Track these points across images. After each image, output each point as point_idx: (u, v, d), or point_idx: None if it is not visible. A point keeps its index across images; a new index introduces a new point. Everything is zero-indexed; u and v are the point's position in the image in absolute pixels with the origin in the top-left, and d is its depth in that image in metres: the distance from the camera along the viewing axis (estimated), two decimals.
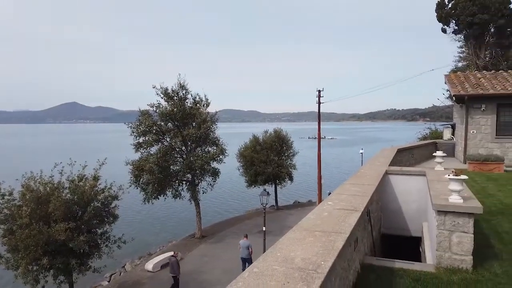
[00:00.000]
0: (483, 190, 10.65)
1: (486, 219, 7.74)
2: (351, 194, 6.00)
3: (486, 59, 20.80)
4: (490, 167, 13.74)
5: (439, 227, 5.27)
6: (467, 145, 15.80)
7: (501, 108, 15.52)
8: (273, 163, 29.56)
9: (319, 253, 3.19)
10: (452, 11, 20.78)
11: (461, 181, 5.23)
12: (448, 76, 18.71)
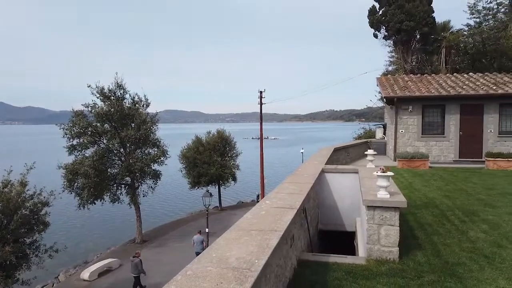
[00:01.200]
0: (410, 185, 11.48)
1: (412, 212, 8.35)
2: (288, 193, 6.16)
3: (413, 63, 22.45)
4: (417, 164, 14.84)
5: (369, 222, 5.60)
6: (397, 143, 16.93)
7: (426, 109, 16.83)
8: (216, 164, 29.47)
9: (253, 252, 3.24)
10: (383, 18, 22.16)
11: (388, 178, 5.59)
12: (380, 79, 19.91)
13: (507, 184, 11.35)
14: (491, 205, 8.74)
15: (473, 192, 10.21)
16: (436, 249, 5.98)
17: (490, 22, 22.27)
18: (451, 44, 21.25)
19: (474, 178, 12.49)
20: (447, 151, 16.55)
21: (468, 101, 16.19)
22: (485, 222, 7.43)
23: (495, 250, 5.90)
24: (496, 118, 16.03)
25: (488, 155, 14.62)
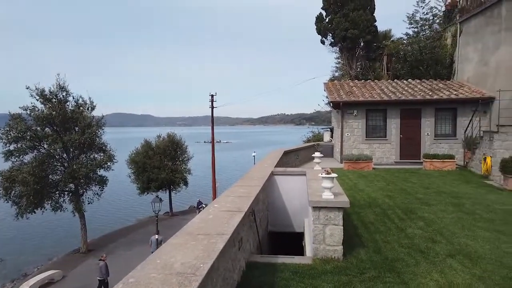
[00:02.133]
0: (355, 186, 11.99)
1: (357, 212, 8.73)
2: (237, 196, 6.20)
3: (357, 69, 23.51)
4: (362, 166, 15.53)
5: (314, 222, 5.78)
6: (343, 146, 17.60)
7: (369, 113, 17.67)
8: (167, 169, 28.88)
9: (199, 256, 3.23)
10: (329, 25, 23.02)
11: (332, 179, 5.81)
12: (327, 84, 20.62)
13: (441, 183, 12.21)
14: (427, 203, 9.36)
15: (412, 191, 10.87)
16: (377, 246, 6.30)
17: (427, 32, 23.88)
18: (392, 52, 22.54)
19: (413, 178, 13.30)
20: (389, 153, 17.47)
21: (408, 106, 17.22)
22: (422, 219, 7.94)
23: (429, 245, 6.33)
24: (432, 122, 17.20)
25: (425, 157, 15.63)
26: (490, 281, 4.91)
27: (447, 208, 8.85)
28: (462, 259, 5.65)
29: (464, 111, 16.77)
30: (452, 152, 16.31)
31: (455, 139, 16.91)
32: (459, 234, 6.88)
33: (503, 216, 8.07)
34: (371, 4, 22.55)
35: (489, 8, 16.98)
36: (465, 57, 19.16)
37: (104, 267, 15.54)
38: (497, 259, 5.63)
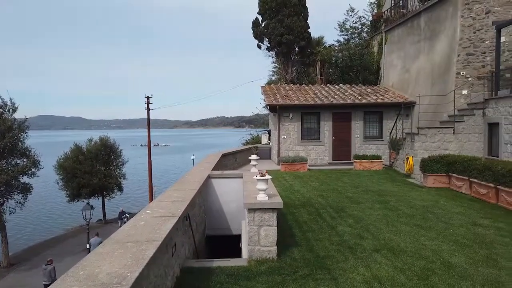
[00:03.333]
0: (291, 187, 12.32)
1: (292, 212, 8.97)
2: (171, 201, 6.07)
3: (293, 74, 24.26)
4: (297, 167, 16.01)
5: (249, 224, 5.85)
6: (280, 148, 18.03)
7: (304, 116, 18.30)
8: (99, 174, 27.44)
9: (127, 265, 3.12)
10: (265, 30, 23.51)
11: (266, 181, 5.92)
12: (264, 87, 21.02)
13: (369, 182, 13.00)
14: (356, 202, 9.90)
15: (343, 191, 11.43)
16: (310, 245, 6.53)
17: (356, 39, 25.36)
18: (325, 57, 23.60)
19: (344, 178, 13.99)
20: (323, 154, 18.22)
21: (339, 110, 18.10)
22: (351, 217, 8.38)
23: (358, 241, 6.70)
24: (361, 125, 18.25)
25: (355, 157, 16.54)
26: (410, 272, 5.32)
27: (374, 205, 9.43)
28: (386, 253, 6.05)
29: (389, 114, 18.02)
30: (379, 153, 17.45)
31: (382, 141, 18.11)
32: (384, 229, 7.37)
33: (422, 211, 8.78)
34: (304, 11, 23.42)
35: (410, 19, 18.46)
36: (390, 64, 20.62)
37: (53, 270, 15.18)
38: (416, 252, 6.12)
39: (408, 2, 19.98)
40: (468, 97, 14.34)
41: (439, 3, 15.99)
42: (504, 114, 12.23)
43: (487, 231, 7.19)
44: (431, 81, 16.54)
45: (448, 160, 11.75)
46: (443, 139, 13.75)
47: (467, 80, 14.48)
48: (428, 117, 15.09)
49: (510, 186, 8.82)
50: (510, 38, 13.91)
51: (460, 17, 14.59)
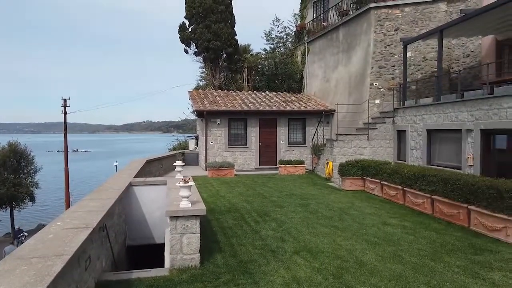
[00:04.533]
0: (217, 192, 12.31)
1: (217, 218, 8.97)
2: (87, 211, 5.73)
3: (221, 80, 24.35)
4: (224, 172, 16.06)
5: (172, 232, 5.73)
6: (207, 154, 17.95)
7: (232, 122, 18.45)
8: (7, 183, 24.88)
9: (29, 283, 2.88)
10: (192, 35, 23.32)
11: (189, 188, 5.86)
12: (191, 92, 20.81)
13: (293, 186, 13.48)
14: (280, 206, 10.21)
15: (268, 195, 11.71)
16: (233, 250, 6.58)
17: (282, 49, 26.24)
18: (252, 65, 24.08)
19: (270, 183, 14.35)
20: (249, 159, 18.51)
21: (265, 116, 18.56)
22: (275, 220, 8.62)
23: (279, 244, 6.90)
24: (286, 131, 18.91)
25: (280, 162, 17.06)
26: (326, 271, 5.61)
27: (296, 209, 9.80)
28: (305, 255, 6.33)
29: (312, 121, 18.92)
30: (303, 158, 18.21)
31: (305, 146, 18.93)
32: (304, 232, 7.69)
33: (339, 213, 9.34)
34: (231, 18, 23.69)
35: (330, 32, 19.62)
36: (312, 73, 21.69)
37: None
38: (333, 252, 6.48)
39: (329, 15, 21.23)
40: (380, 106, 15.61)
41: (355, 19, 17.24)
42: (410, 122, 13.53)
43: (395, 230, 7.86)
44: (349, 90, 17.71)
45: (362, 165, 12.65)
46: (359, 145, 14.78)
47: (379, 90, 15.76)
48: (346, 124, 16.13)
49: (415, 188, 9.76)
50: (415, 54, 15.46)
51: (373, 32, 15.87)
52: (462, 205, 8.03)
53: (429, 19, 15.30)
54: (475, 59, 14.97)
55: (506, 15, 10.94)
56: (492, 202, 7.20)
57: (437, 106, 12.03)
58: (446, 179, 8.62)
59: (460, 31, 13.05)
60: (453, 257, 6.19)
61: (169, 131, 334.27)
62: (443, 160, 12.03)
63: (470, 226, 7.82)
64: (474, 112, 10.33)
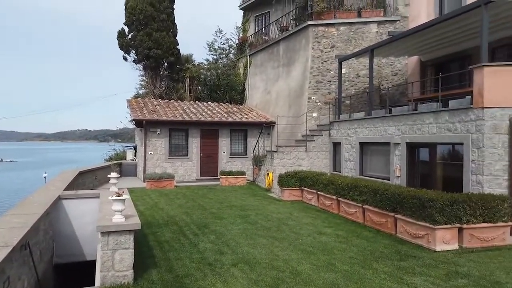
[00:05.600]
0: (155, 205, 11.97)
1: (154, 231, 8.71)
2: (8, 228, 5.30)
3: (162, 89, 23.87)
4: (164, 184, 15.68)
5: (103, 248, 5.47)
6: (146, 164, 17.43)
7: (173, 132, 18.14)
8: None
9: None
10: (132, 42, 22.69)
11: (123, 201, 5.65)
12: (130, 101, 20.16)
13: (233, 197, 13.51)
14: (220, 217, 10.17)
15: (208, 207, 11.62)
16: (170, 265, 6.42)
17: (224, 60, 26.43)
18: (194, 75, 23.94)
19: (210, 194, 14.25)
20: (190, 170, 18.26)
21: (207, 127, 18.50)
22: (214, 233, 8.56)
23: (217, 257, 6.86)
24: (228, 142, 18.97)
25: (221, 173, 17.03)
26: (262, 283, 5.68)
27: (236, 220, 9.83)
28: (243, 267, 6.35)
29: (253, 132, 19.18)
30: (244, 169, 18.35)
31: (246, 157, 19.11)
32: (243, 243, 7.73)
33: (278, 224, 9.52)
34: (173, 27, 23.44)
35: (271, 46, 20.16)
36: (254, 85, 22.07)
37: None
38: (270, 263, 6.58)
39: (270, 30, 21.83)
40: (317, 119, 16.26)
41: (294, 35, 17.90)
42: (344, 135, 14.24)
43: (329, 239, 8.18)
44: (289, 103, 18.26)
45: (300, 176, 13.04)
46: (298, 156, 15.24)
47: (316, 104, 16.44)
48: (286, 136, 16.57)
49: (348, 198, 10.25)
50: (349, 70, 16.38)
51: (311, 48, 16.58)
52: (389, 214, 8.58)
53: (361, 38, 16.33)
54: (402, 77, 16.21)
55: (427, 38, 12.02)
56: (416, 211, 7.78)
57: (368, 120, 12.82)
58: (375, 190, 9.16)
59: (389, 51, 14.08)
60: (381, 263, 6.58)
61: (106, 140, 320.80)
62: (374, 171, 12.80)
63: (396, 234, 8.37)
64: (401, 127, 11.15)
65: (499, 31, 11.05)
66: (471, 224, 7.49)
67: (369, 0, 17.12)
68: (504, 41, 11.52)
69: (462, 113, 9.01)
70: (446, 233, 7.36)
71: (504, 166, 8.36)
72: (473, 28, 10.60)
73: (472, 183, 8.73)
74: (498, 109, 8.37)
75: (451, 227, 7.37)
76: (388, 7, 16.61)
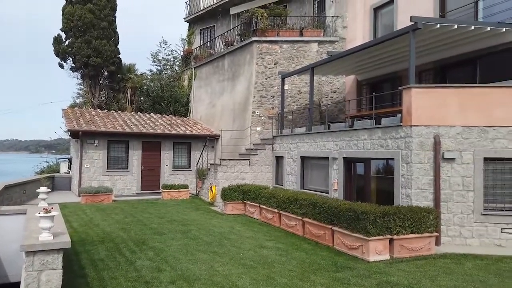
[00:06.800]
0: (90, 221, 11.34)
1: (87, 249, 8.23)
2: None
3: (101, 98, 22.89)
4: (101, 198, 14.93)
5: (27, 269, 5.05)
6: (82, 178, 16.51)
7: (112, 144, 17.41)
8: None
9: None
10: (69, 49, 21.59)
11: (52, 218, 5.29)
12: (66, 110, 19.07)
13: (175, 212, 13.21)
14: (160, 233, 9.87)
15: (148, 222, 11.23)
16: (103, 285, 6.10)
17: (168, 71, 26.05)
18: (136, 85, 23.28)
19: (151, 208, 13.80)
20: (130, 184, 17.59)
21: (149, 139, 18.00)
22: (152, 249, 8.28)
23: (155, 274, 6.63)
24: (171, 154, 18.59)
25: (163, 187, 16.60)
26: None
27: (176, 235, 9.60)
28: (182, 284, 6.20)
29: (197, 145, 19.00)
30: (187, 182, 18.06)
31: (190, 170, 18.84)
32: (182, 259, 7.55)
33: (219, 238, 9.44)
34: (115, 36, 22.71)
35: (216, 59, 20.25)
36: (199, 98, 21.96)
37: None
38: (210, 278, 6.48)
39: (215, 44, 21.96)
40: (261, 133, 16.53)
41: (239, 50, 18.16)
42: (286, 149, 14.59)
43: (270, 252, 8.26)
44: (233, 117, 18.38)
45: (243, 189, 13.10)
46: (241, 170, 15.32)
47: (260, 118, 16.72)
48: (230, 149, 16.61)
49: (288, 211, 10.46)
50: (292, 87, 16.89)
51: (255, 64, 16.91)
52: (327, 227, 8.88)
53: (303, 56, 16.98)
54: (341, 95, 17.04)
55: (362, 59, 12.81)
56: (351, 223, 8.13)
57: (309, 135, 13.27)
58: (314, 203, 9.45)
59: (328, 69, 14.77)
60: (318, 275, 6.76)
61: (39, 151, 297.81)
62: (314, 184, 13.22)
63: (334, 246, 8.67)
64: (339, 142, 11.67)
65: (425, 56, 12.08)
66: (401, 235, 7.97)
67: (310, 21, 17.92)
68: (429, 65, 12.61)
69: (393, 130, 9.65)
70: (378, 244, 7.76)
71: (430, 180, 9.04)
72: (403, 52, 11.48)
73: (402, 196, 9.33)
74: (424, 127, 9.08)
75: (383, 238, 7.79)
76: (328, 28, 17.47)
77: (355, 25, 16.36)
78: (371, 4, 15.61)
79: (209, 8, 22.43)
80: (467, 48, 11.27)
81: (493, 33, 10.19)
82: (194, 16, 23.70)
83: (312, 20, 18.05)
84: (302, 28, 17.43)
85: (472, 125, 8.95)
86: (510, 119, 8.83)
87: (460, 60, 11.80)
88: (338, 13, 17.16)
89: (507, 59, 10.57)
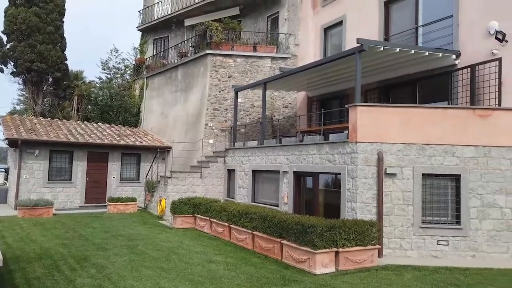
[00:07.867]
0: (27, 236, 10.61)
1: (22, 267, 7.68)
2: None
3: (44, 106, 21.68)
4: (40, 212, 14.04)
5: None
6: (19, 190, 15.46)
7: (54, 154, 16.50)
8: None
9: None
10: (10, 53, 20.34)
11: None
12: (4, 118, 17.85)
13: (121, 226, 12.70)
14: (103, 248, 9.43)
15: (91, 237, 10.70)
16: None
17: (119, 80, 25.28)
18: (84, 93, 22.34)
19: (95, 222, 13.17)
20: (73, 197, 16.73)
21: (95, 149, 17.27)
22: (95, 266, 7.89)
23: None
24: (119, 166, 17.94)
25: (110, 200, 15.92)
26: None
27: (121, 251, 9.22)
28: None
29: (147, 157, 18.50)
30: (136, 195, 17.48)
31: (139, 183, 18.28)
32: (127, 276, 7.26)
33: (167, 253, 9.20)
34: (62, 41, 21.75)
35: (169, 70, 20.01)
36: (150, 108, 21.49)
37: None
38: None
39: (169, 54, 21.71)
40: (213, 146, 16.45)
41: (193, 61, 18.10)
42: (238, 162, 14.63)
43: (219, 267, 8.17)
44: (186, 128, 18.17)
45: (194, 202, 12.90)
46: (192, 183, 15.11)
47: (213, 131, 16.67)
48: (182, 161, 16.34)
49: (239, 225, 10.44)
50: (245, 100, 17.06)
51: (209, 77, 16.92)
52: (276, 240, 8.97)
53: (257, 71, 17.25)
54: (292, 110, 17.46)
55: (312, 77, 13.27)
56: (299, 236, 8.28)
57: (261, 149, 13.42)
58: (264, 216, 9.52)
59: (280, 85, 15.12)
60: None
61: None
62: (266, 198, 13.34)
63: (282, 259, 8.76)
64: (289, 156, 11.92)
65: (370, 76, 12.76)
66: (346, 248, 8.23)
67: (264, 37, 18.31)
68: (374, 84, 13.33)
69: (340, 146, 10.03)
70: (325, 257, 7.96)
71: (373, 195, 9.45)
72: (350, 72, 12.04)
73: (347, 210, 9.67)
74: (369, 144, 9.52)
75: (329, 251, 8.00)
76: (281, 45, 17.94)
77: (306, 43, 16.94)
78: (321, 24, 16.28)
79: (163, 19, 22.21)
80: (408, 70, 12.07)
81: (431, 58, 11.00)
82: (147, 25, 23.33)
83: (266, 36, 18.44)
84: (256, 43, 17.75)
85: (412, 143, 9.53)
86: (445, 138, 9.50)
87: (402, 81, 12.61)
88: (291, 31, 17.69)
89: (443, 82, 11.46)
